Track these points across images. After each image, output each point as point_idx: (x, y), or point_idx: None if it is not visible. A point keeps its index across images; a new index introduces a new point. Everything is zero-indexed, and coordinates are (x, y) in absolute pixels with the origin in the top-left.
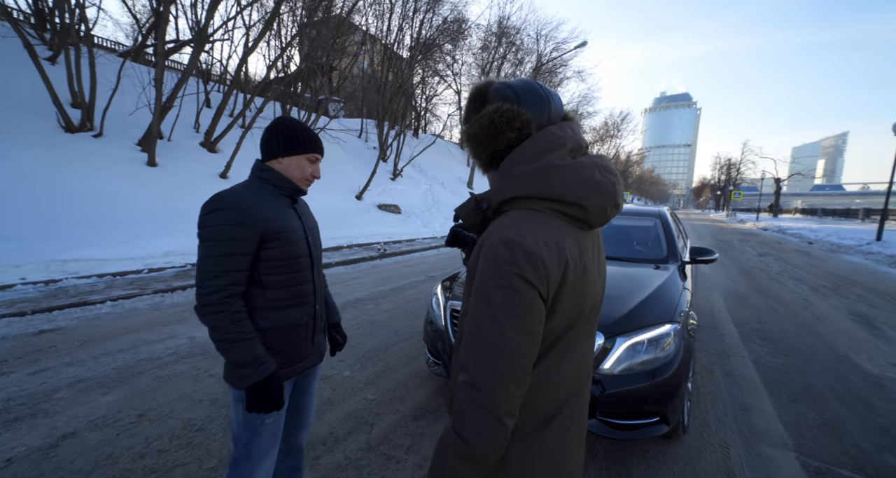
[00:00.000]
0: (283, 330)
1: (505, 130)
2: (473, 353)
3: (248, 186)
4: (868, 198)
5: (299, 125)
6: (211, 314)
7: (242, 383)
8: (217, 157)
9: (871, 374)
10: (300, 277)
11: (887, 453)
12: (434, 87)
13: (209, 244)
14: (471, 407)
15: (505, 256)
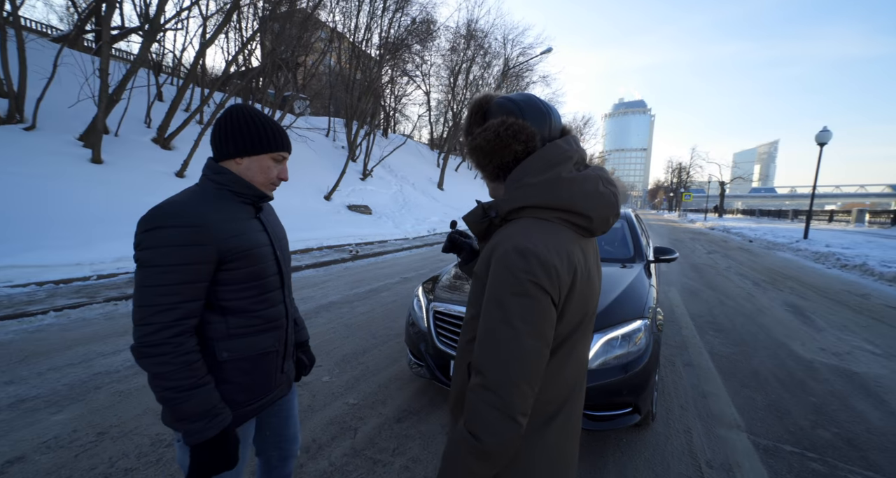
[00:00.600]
0: (251, 360)
1: (511, 143)
2: (488, 356)
3: (198, 193)
4: (796, 199)
5: (260, 117)
6: (153, 357)
7: (190, 440)
8: (172, 154)
9: (805, 358)
10: (269, 299)
11: (820, 428)
12: (403, 87)
13: (151, 271)
14: (486, 408)
15: (520, 264)
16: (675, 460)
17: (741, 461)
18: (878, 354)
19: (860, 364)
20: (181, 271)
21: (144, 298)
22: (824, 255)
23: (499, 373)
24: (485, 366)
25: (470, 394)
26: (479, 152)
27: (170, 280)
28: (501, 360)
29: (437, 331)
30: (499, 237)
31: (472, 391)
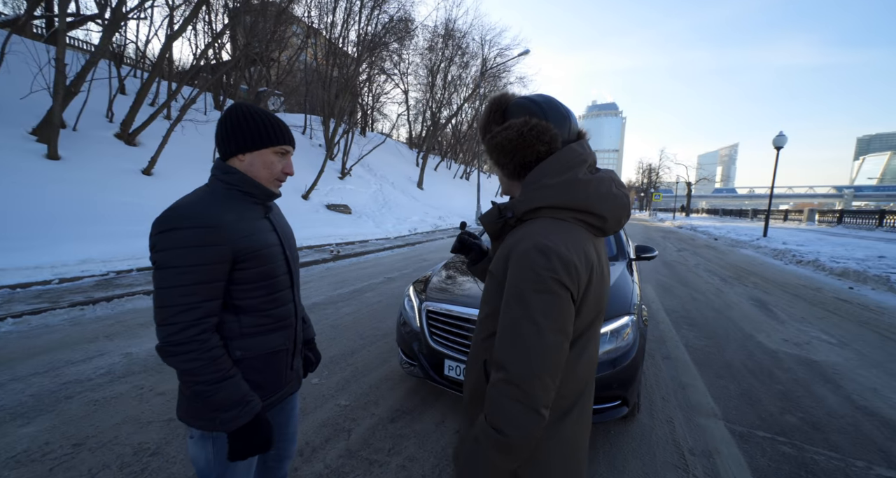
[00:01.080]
0: (262, 358)
1: (535, 143)
2: (511, 351)
3: (209, 193)
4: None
5: (260, 112)
6: (180, 355)
7: (226, 428)
8: (137, 150)
9: (770, 349)
10: (280, 298)
11: (788, 414)
12: (381, 86)
13: (170, 272)
14: (508, 402)
15: (542, 262)
16: (660, 449)
17: (720, 448)
18: (833, 343)
19: (819, 353)
20: (199, 271)
21: (165, 299)
22: (782, 251)
23: (521, 367)
24: (507, 361)
25: (491, 389)
26: (500, 150)
27: (188, 280)
28: (524, 354)
29: (431, 330)
30: (516, 236)
31: (494, 386)
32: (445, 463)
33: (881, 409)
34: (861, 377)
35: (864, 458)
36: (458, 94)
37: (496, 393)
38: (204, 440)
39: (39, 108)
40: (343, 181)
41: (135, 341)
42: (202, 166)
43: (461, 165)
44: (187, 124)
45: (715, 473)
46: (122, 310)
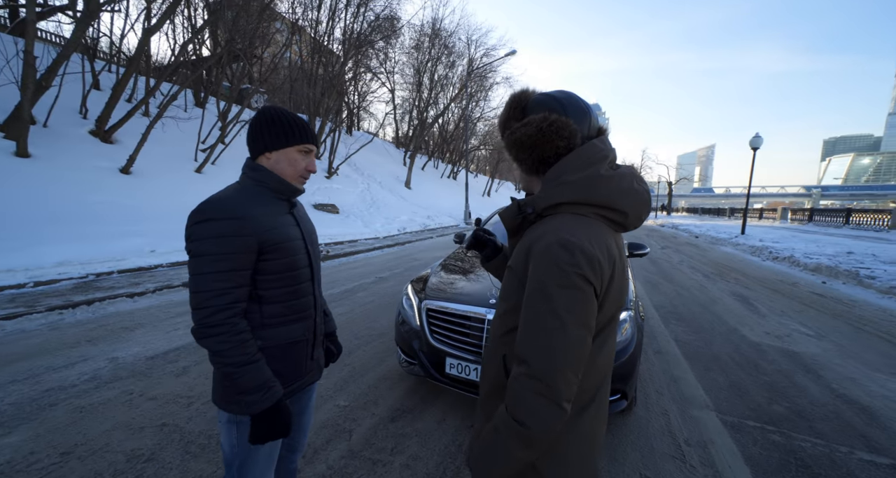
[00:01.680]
0: (282, 348)
1: (554, 139)
2: (533, 346)
3: (239, 189)
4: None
5: (286, 114)
6: (213, 336)
7: (249, 410)
8: (114, 148)
9: (754, 342)
10: (300, 290)
11: (775, 404)
12: (367, 84)
13: (205, 259)
14: (531, 396)
15: (565, 257)
16: (657, 441)
17: (714, 438)
18: (810, 335)
19: (799, 345)
20: (231, 259)
21: (201, 284)
22: (759, 248)
23: (545, 361)
24: (530, 355)
25: (514, 383)
26: (519, 146)
27: (222, 267)
28: (547, 349)
29: (431, 329)
30: (537, 232)
31: (517, 380)
32: (449, 461)
33: (859, 397)
34: (839, 367)
35: (847, 443)
36: (445, 94)
37: (518, 387)
38: (230, 425)
39: (6, 102)
40: (330, 180)
41: (120, 346)
42: (183, 165)
43: (448, 164)
44: (168, 122)
45: (710, 462)
46: (105, 313)
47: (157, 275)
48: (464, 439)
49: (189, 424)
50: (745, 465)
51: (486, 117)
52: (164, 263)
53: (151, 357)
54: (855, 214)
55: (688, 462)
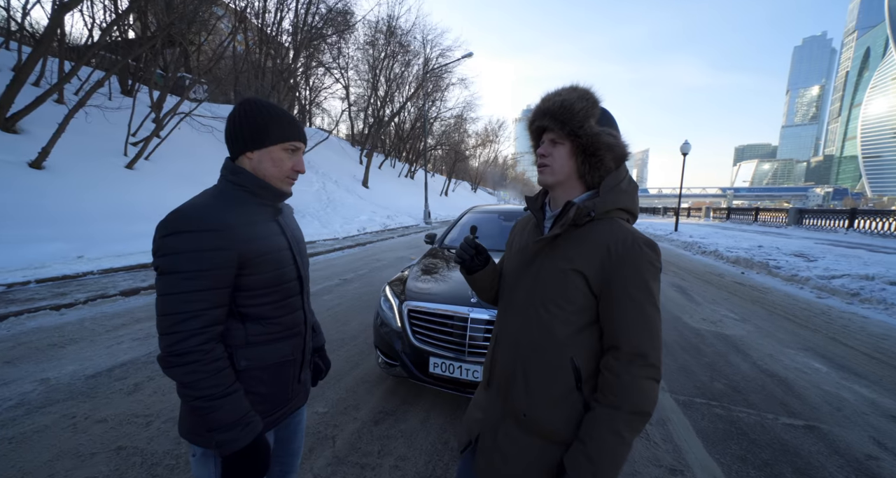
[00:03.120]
0: (266, 369)
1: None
2: (646, 336)
3: (216, 195)
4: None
5: (268, 107)
6: (182, 366)
7: (223, 450)
8: (19, 139)
9: (694, 328)
10: (289, 305)
11: (716, 381)
12: (320, 79)
13: (175, 277)
14: (648, 384)
15: (653, 255)
16: None
17: (670, 416)
18: (737, 319)
19: (729, 328)
20: (204, 277)
21: (169, 306)
22: (690, 244)
23: (657, 349)
24: (644, 345)
25: (625, 375)
26: (611, 150)
27: (193, 286)
28: (655, 336)
29: (413, 329)
30: (606, 235)
31: (629, 373)
32: (437, 459)
33: (778, 370)
34: (760, 346)
35: (772, 411)
36: (401, 92)
37: (631, 378)
38: (206, 458)
39: None
40: None
41: (50, 365)
42: (110, 159)
43: (405, 163)
44: (92, 111)
45: (669, 437)
46: (24, 330)
47: (88, 283)
48: (449, 437)
49: (151, 444)
50: (697, 438)
51: (442, 117)
52: (96, 269)
53: (93, 376)
54: (761, 212)
55: (651, 440)
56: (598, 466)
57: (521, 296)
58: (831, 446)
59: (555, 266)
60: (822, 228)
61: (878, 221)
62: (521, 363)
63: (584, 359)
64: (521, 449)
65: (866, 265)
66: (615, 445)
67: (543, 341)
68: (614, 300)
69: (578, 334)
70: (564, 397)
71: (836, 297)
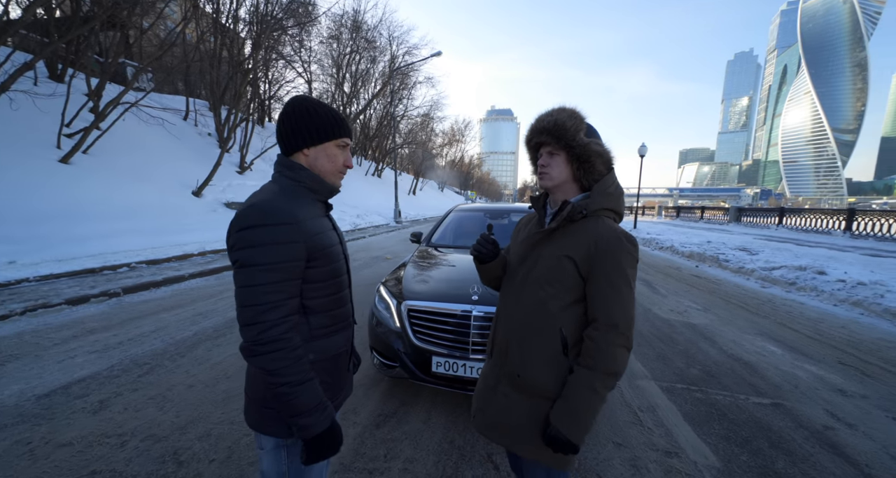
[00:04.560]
0: (328, 361)
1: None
2: (620, 311)
3: (281, 191)
4: None
5: (322, 105)
6: (268, 354)
7: (306, 434)
8: None
9: (665, 318)
10: (342, 298)
11: (691, 367)
12: (281, 72)
13: (257, 270)
14: (619, 350)
15: (631, 247)
16: (617, 410)
17: (658, 402)
18: (700, 309)
19: (694, 318)
20: (282, 269)
21: (252, 298)
22: (648, 240)
23: (628, 321)
24: (617, 317)
25: (601, 342)
26: (600, 158)
27: (274, 278)
28: (628, 311)
29: (414, 329)
30: (594, 230)
31: (606, 340)
32: (446, 458)
33: (742, 355)
34: (723, 333)
35: (743, 392)
36: (366, 89)
37: (607, 344)
38: (277, 451)
39: None
40: (243, 176)
41: None
42: (41, 152)
43: (371, 162)
44: (18, 96)
45: (661, 422)
46: None
47: (24, 292)
48: (455, 436)
49: (131, 466)
50: (685, 421)
51: (409, 116)
52: (32, 276)
53: (46, 395)
54: (706, 211)
55: (645, 425)
56: (577, 416)
57: (522, 277)
58: (796, 420)
59: (551, 253)
60: (758, 225)
61: (801, 218)
62: (517, 332)
63: (571, 330)
64: (515, 404)
65: (797, 257)
66: (591, 399)
67: (538, 314)
68: (597, 282)
69: (567, 309)
70: (552, 361)
71: (777, 286)
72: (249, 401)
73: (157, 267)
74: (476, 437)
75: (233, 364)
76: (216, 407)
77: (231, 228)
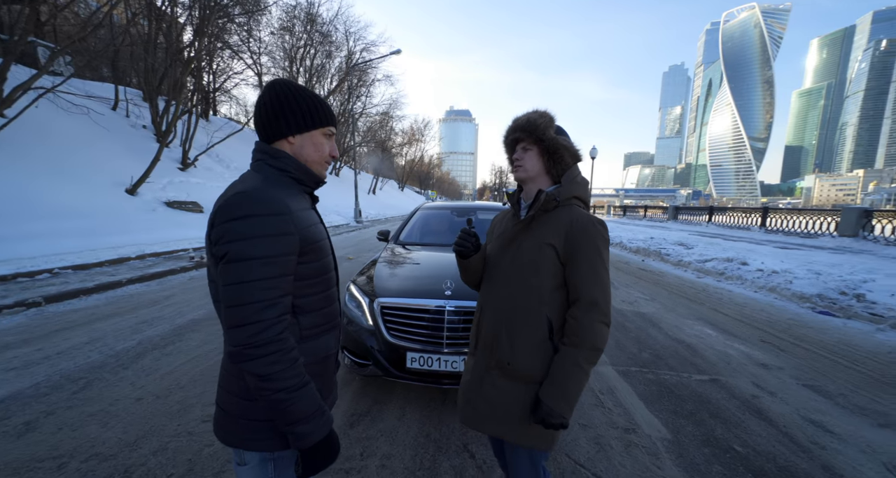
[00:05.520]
0: (317, 364)
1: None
2: (599, 289)
3: (266, 180)
4: None
5: (307, 90)
6: (263, 357)
7: (304, 443)
8: None
9: (618, 309)
10: (331, 296)
11: (643, 352)
12: (227, 62)
13: (248, 264)
14: (600, 326)
15: (603, 231)
16: (582, 395)
17: (616, 385)
18: (647, 299)
19: (643, 307)
20: (277, 263)
21: (245, 295)
22: None
23: (606, 299)
24: (597, 296)
25: (584, 320)
26: (567, 151)
27: (269, 273)
28: (605, 289)
29: (388, 326)
30: (567, 217)
31: (587, 317)
32: (423, 451)
33: (683, 338)
34: (667, 319)
35: (686, 371)
36: (322, 85)
37: (589, 321)
38: (263, 465)
39: None
40: (186, 173)
41: None
42: None
43: None
44: None
45: (619, 403)
46: None
47: None
48: (431, 429)
49: None
50: (640, 400)
51: (368, 113)
52: None
53: None
54: (648, 209)
55: (606, 407)
56: (565, 392)
57: (505, 269)
58: (729, 392)
59: (532, 243)
60: (692, 222)
61: (726, 216)
62: (506, 323)
63: (555, 315)
64: (505, 392)
65: (725, 251)
66: (576, 374)
67: (525, 302)
68: (576, 264)
69: (550, 295)
70: (539, 346)
71: (710, 276)
72: (225, 414)
73: (87, 272)
74: (451, 428)
75: (186, 373)
76: (171, 419)
77: (217, 218)
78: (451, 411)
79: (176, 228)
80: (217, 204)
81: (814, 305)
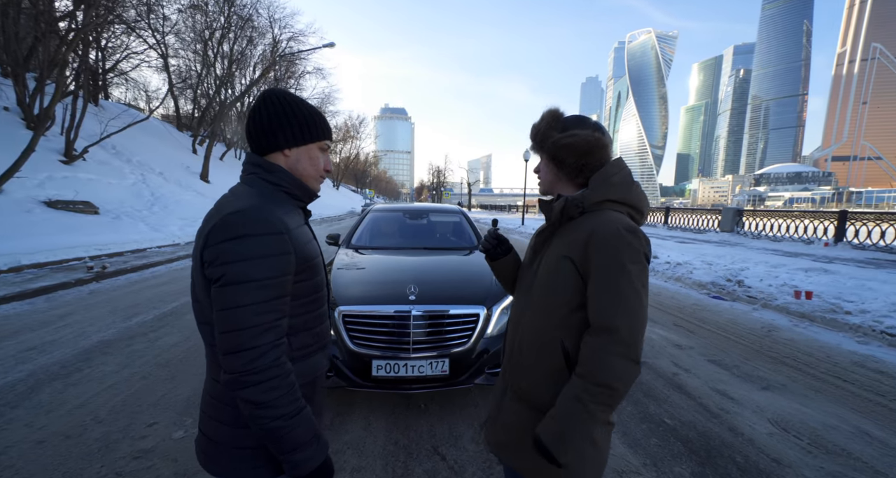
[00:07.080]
0: (308, 386)
1: (599, 152)
2: (620, 314)
3: (262, 195)
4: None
5: (304, 101)
6: (262, 383)
7: (300, 471)
8: None
9: None
10: (323, 314)
11: None
12: (120, 38)
13: (244, 288)
14: (617, 360)
15: (634, 241)
16: None
17: None
18: None
19: None
20: (275, 285)
21: (242, 320)
22: None
23: (631, 327)
24: (617, 321)
25: (597, 351)
26: (569, 150)
27: (268, 295)
28: (631, 316)
29: (351, 335)
30: (592, 224)
31: (602, 347)
32: (394, 460)
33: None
34: None
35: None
36: (243, 74)
37: (603, 353)
38: None
39: None
40: (72, 167)
41: None
42: None
43: None
44: None
45: None
46: None
47: None
48: (399, 436)
49: None
50: None
51: None
52: None
53: None
54: None
55: None
56: (562, 431)
57: (527, 283)
58: (655, 372)
59: (552, 255)
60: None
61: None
62: (519, 342)
63: (571, 340)
64: (519, 419)
65: None
66: (576, 410)
67: (538, 322)
68: (593, 280)
69: (569, 318)
70: (554, 374)
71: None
72: (214, 444)
73: None
74: (420, 433)
75: (104, 404)
76: (90, 461)
77: (212, 238)
78: (417, 414)
79: (64, 234)
80: (210, 222)
81: (709, 292)
